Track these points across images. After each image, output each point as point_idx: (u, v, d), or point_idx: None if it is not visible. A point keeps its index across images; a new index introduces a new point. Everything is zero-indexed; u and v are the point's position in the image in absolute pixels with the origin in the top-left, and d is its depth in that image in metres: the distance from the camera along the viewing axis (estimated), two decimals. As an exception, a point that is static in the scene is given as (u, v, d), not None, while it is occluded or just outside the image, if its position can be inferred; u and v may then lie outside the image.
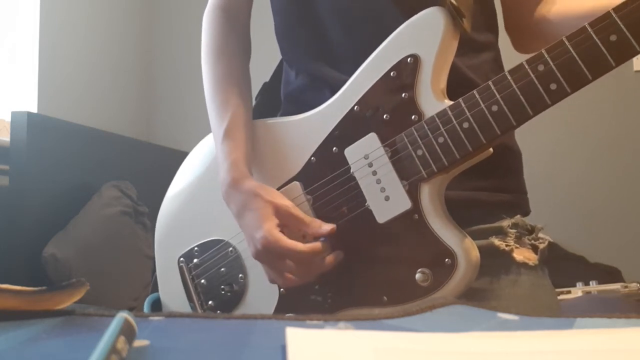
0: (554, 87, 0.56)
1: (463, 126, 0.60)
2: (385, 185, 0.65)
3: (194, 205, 0.82)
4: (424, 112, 0.63)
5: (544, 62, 0.57)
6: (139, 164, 2.23)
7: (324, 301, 0.69)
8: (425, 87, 0.64)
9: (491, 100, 0.59)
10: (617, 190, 2.24)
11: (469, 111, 0.60)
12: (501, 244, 0.68)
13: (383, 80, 0.66)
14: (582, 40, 0.55)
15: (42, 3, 2.11)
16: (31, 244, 1.64)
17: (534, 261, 0.69)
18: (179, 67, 2.76)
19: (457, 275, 0.61)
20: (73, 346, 0.33)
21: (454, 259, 0.61)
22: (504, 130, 0.59)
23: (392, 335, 0.33)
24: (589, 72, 0.55)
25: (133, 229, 1.94)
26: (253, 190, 0.70)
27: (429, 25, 0.64)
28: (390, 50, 0.66)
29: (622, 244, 2.17)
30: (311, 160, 0.70)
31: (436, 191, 0.63)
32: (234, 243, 0.76)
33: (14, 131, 1.65)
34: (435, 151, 0.62)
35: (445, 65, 0.64)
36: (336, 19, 0.73)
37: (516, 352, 0.29)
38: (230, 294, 0.76)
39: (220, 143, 0.75)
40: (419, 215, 0.63)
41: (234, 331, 0.36)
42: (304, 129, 0.72)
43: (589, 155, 2.28)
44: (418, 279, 0.62)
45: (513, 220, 0.70)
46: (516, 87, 0.58)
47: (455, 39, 0.65)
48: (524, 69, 0.57)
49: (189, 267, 0.80)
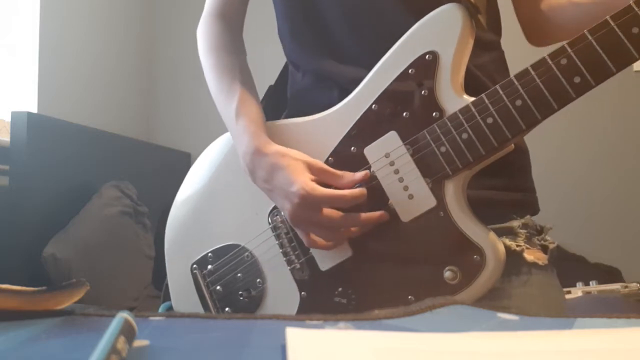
0: (577, 80, 0.57)
1: (487, 122, 0.60)
2: (408, 183, 0.64)
3: (205, 211, 0.80)
4: (445, 109, 0.63)
5: (566, 56, 0.57)
6: (139, 164, 2.23)
7: (348, 303, 0.68)
8: (445, 84, 0.63)
9: (515, 95, 0.59)
10: (617, 190, 2.24)
11: (493, 107, 0.60)
12: (512, 244, 0.68)
13: (401, 78, 0.66)
14: (604, 34, 0.56)
15: (42, 3, 2.11)
16: (31, 244, 1.64)
17: (544, 261, 0.69)
18: (179, 67, 2.76)
19: (486, 272, 0.61)
20: (73, 346, 0.33)
21: (482, 255, 0.61)
22: (530, 125, 0.59)
23: (392, 335, 0.33)
24: (612, 64, 0.56)
25: (133, 229, 1.94)
26: (281, 151, 0.68)
27: (447, 22, 0.64)
28: (408, 48, 0.66)
29: (622, 244, 2.17)
30: (329, 161, 0.69)
31: (460, 188, 0.63)
32: (250, 248, 0.74)
33: (14, 131, 1.65)
34: (460, 147, 0.62)
35: (463, 61, 0.64)
36: (342, 17, 0.73)
37: (516, 352, 0.29)
38: (248, 299, 0.75)
39: (234, 123, 0.74)
40: (445, 213, 0.63)
41: (234, 331, 0.36)
42: (319, 129, 0.71)
43: (589, 155, 2.28)
44: (447, 277, 0.62)
45: (523, 220, 0.70)
46: (540, 82, 0.58)
47: (472, 35, 0.65)
48: (546, 63, 0.58)
49: (203, 274, 0.78)
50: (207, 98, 0.80)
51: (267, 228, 0.74)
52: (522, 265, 0.68)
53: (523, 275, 0.68)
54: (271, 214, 0.74)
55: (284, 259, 0.72)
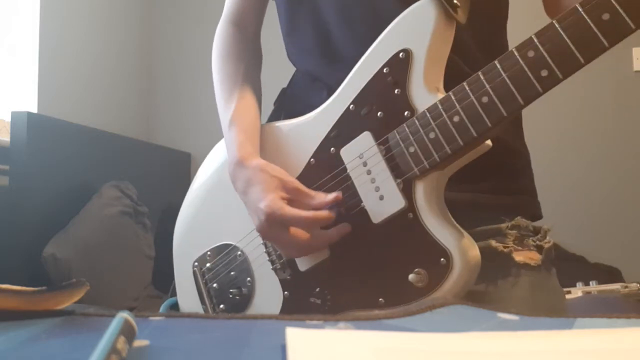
0: (545, 73, 0.54)
1: (454, 120, 0.58)
2: (380, 184, 0.64)
3: (207, 211, 0.82)
4: (417, 108, 0.62)
5: (533, 48, 0.54)
6: (139, 164, 2.23)
7: (323, 304, 0.68)
8: (417, 82, 0.62)
9: (481, 91, 0.57)
10: (617, 190, 2.24)
11: (459, 104, 0.58)
12: (499, 246, 0.67)
13: (376, 77, 0.65)
14: (572, 22, 0.52)
15: (42, 3, 2.11)
16: (31, 244, 1.64)
17: (537, 261, 0.68)
18: (179, 67, 2.76)
19: (452, 276, 0.59)
20: (73, 346, 0.33)
21: (449, 258, 0.59)
22: (495, 122, 0.57)
23: (392, 335, 0.33)
24: (581, 55, 0.52)
25: (133, 229, 1.94)
26: (259, 166, 0.69)
27: (420, 18, 0.62)
28: (383, 47, 0.65)
29: (622, 244, 2.17)
30: (311, 162, 0.70)
31: (431, 189, 0.62)
32: (242, 247, 0.76)
33: (14, 131, 1.65)
34: (427, 147, 0.60)
35: (440, 58, 0.63)
36: (339, 17, 0.73)
37: (516, 352, 0.29)
38: (239, 297, 0.76)
39: (227, 129, 0.76)
40: (414, 214, 0.62)
41: (234, 331, 0.36)
42: (303, 131, 0.72)
43: (589, 155, 2.28)
44: (412, 279, 0.61)
45: (513, 222, 0.69)
46: (506, 76, 0.55)
47: (448, 30, 0.63)
48: (513, 56, 0.55)
49: (202, 271, 0.80)
50: (207, 98, 0.81)
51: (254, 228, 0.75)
52: (511, 267, 0.67)
53: (511, 277, 0.67)
54: None
55: (267, 259, 0.73)
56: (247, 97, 0.79)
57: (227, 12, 0.88)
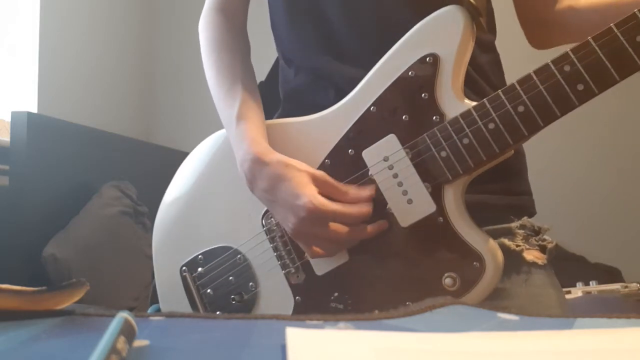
0: (581, 87, 0.56)
1: (489, 127, 0.60)
2: (408, 187, 0.63)
3: (195, 212, 0.78)
4: (446, 113, 0.62)
5: (570, 63, 0.56)
6: (139, 164, 2.23)
7: (344, 308, 0.67)
8: (446, 87, 0.62)
9: (517, 100, 0.58)
10: (617, 190, 2.24)
11: (495, 112, 0.59)
12: (511, 245, 0.68)
13: (401, 80, 0.65)
14: (608, 41, 0.55)
15: (42, 3, 2.11)
16: (31, 244, 1.64)
17: (543, 260, 0.69)
18: (179, 67, 2.76)
19: (485, 278, 0.60)
20: (73, 346, 0.33)
21: (482, 261, 0.60)
22: (531, 131, 0.59)
23: (392, 335, 0.33)
24: (616, 73, 0.55)
25: (133, 229, 1.94)
26: (283, 161, 0.66)
27: (449, 24, 0.63)
28: (408, 49, 0.65)
29: (622, 244, 2.17)
30: (325, 163, 0.68)
31: (459, 193, 0.63)
32: (243, 251, 0.73)
33: (14, 131, 1.65)
34: (460, 153, 0.61)
35: (464, 64, 0.64)
36: (344, 13, 0.72)
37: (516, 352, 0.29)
38: (240, 303, 0.73)
39: (234, 126, 0.72)
40: (444, 218, 0.62)
41: (234, 331, 0.36)
42: (316, 130, 0.70)
43: (589, 155, 2.28)
44: (447, 283, 0.61)
45: (521, 221, 0.70)
46: (543, 88, 0.57)
47: (473, 38, 0.64)
48: (550, 69, 0.57)
49: (193, 276, 0.77)
50: (207, 98, 0.80)
51: (261, 231, 0.72)
52: (522, 265, 0.68)
53: (523, 274, 0.68)
54: (265, 216, 0.72)
55: (278, 263, 0.71)
56: (250, 90, 0.75)
57: (209, 0, 0.84)
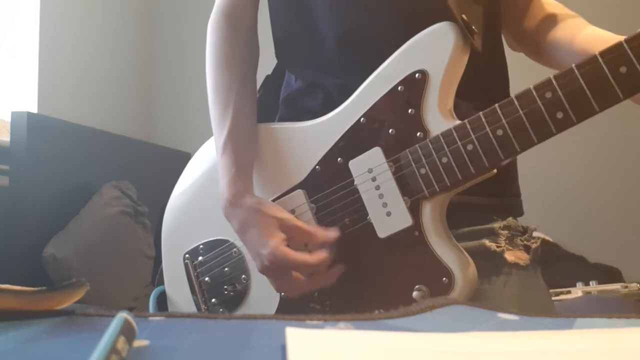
0: (560, 115, 0.56)
1: (467, 148, 0.60)
2: (388, 200, 0.65)
3: (200, 203, 0.82)
4: (430, 130, 0.63)
5: (551, 90, 0.56)
6: (139, 164, 2.23)
7: (322, 309, 0.69)
8: (432, 105, 0.63)
9: (497, 124, 0.58)
10: (618, 190, 2.24)
11: (474, 133, 0.60)
12: (492, 245, 0.68)
13: (390, 94, 0.66)
14: (591, 70, 0.54)
15: (42, 3, 2.11)
16: (31, 244, 1.64)
17: (525, 261, 0.69)
18: (179, 67, 2.76)
19: (453, 294, 0.61)
20: (73, 346, 0.33)
21: (451, 277, 0.61)
22: (508, 156, 0.59)
23: (392, 335, 0.33)
24: (596, 103, 0.55)
25: (133, 229, 1.94)
26: (254, 207, 0.69)
27: (439, 41, 0.63)
28: (399, 64, 0.66)
29: (622, 244, 2.17)
30: (316, 169, 0.70)
31: (438, 209, 0.64)
32: (239, 245, 0.76)
33: (14, 131, 1.65)
34: (439, 171, 0.62)
35: (453, 82, 0.64)
36: (334, 29, 0.72)
37: (516, 352, 0.29)
38: (233, 293, 0.77)
39: (220, 155, 0.74)
40: (419, 233, 0.63)
41: (234, 331, 0.36)
42: (309, 137, 0.72)
43: (589, 155, 2.28)
44: (415, 296, 0.63)
45: (505, 222, 0.70)
46: (522, 113, 0.57)
47: (464, 55, 0.64)
48: (531, 94, 0.57)
49: (194, 264, 0.81)
50: (207, 98, 0.80)
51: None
52: (503, 266, 0.69)
53: (503, 276, 0.68)
54: None
55: None
56: (242, 115, 0.76)
57: (219, 2, 0.83)
